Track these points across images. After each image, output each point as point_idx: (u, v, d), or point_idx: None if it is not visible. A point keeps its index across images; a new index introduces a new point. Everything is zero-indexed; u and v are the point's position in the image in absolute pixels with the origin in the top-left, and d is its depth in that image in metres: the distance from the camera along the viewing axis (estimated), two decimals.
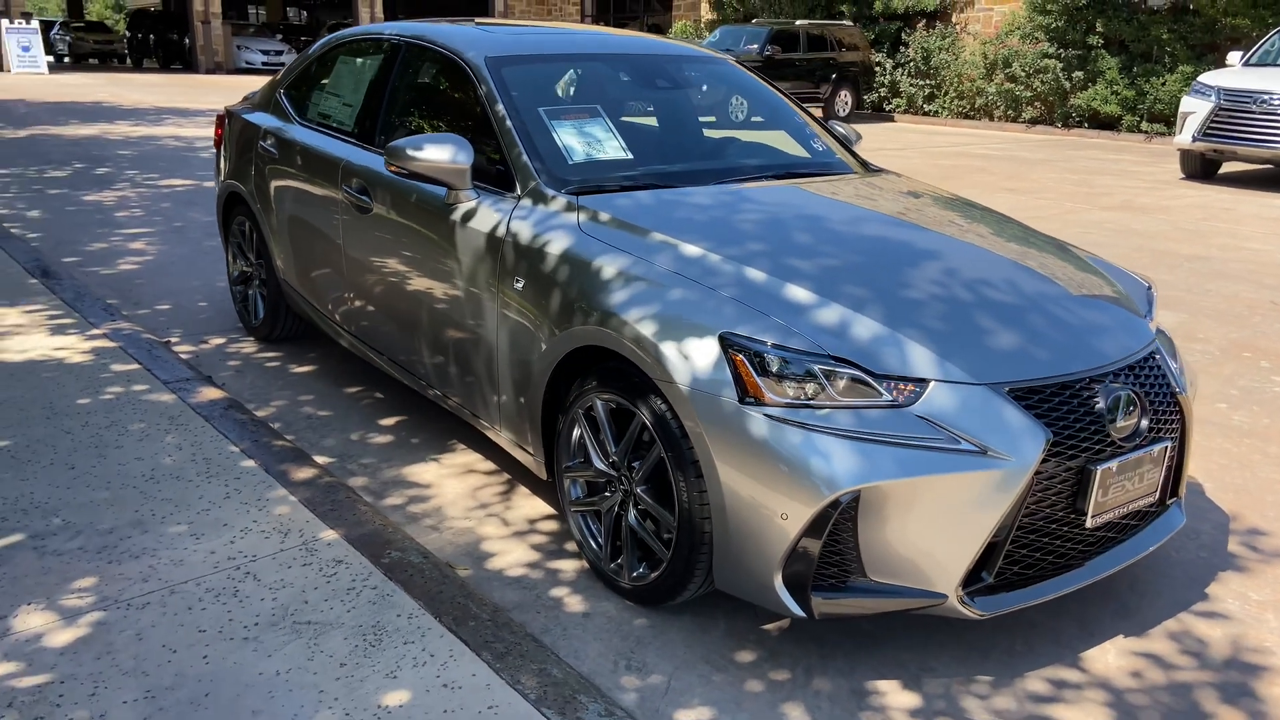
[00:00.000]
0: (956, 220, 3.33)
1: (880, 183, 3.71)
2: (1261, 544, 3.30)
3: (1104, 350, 2.66)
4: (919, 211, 3.36)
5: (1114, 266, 3.31)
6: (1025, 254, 3.06)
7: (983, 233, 3.23)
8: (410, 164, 3.20)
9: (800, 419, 2.38)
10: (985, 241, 3.14)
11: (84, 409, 3.73)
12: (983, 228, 3.30)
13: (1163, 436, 2.69)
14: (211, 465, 3.32)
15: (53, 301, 5.05)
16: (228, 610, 2.54)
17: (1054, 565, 2.60)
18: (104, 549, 2.80)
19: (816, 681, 2.52)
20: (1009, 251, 3.06)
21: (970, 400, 2.43)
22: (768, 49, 19.47)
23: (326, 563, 2.77)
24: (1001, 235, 3.24)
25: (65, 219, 7.73)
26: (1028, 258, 3.03)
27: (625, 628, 2.71)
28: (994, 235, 3.22)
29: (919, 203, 3.49)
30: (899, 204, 3.42)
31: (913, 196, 3.57)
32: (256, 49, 30.69)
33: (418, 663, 2.36)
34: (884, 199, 3.46)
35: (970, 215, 3.44)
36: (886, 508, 2.36)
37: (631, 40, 4.09)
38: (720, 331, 2.50)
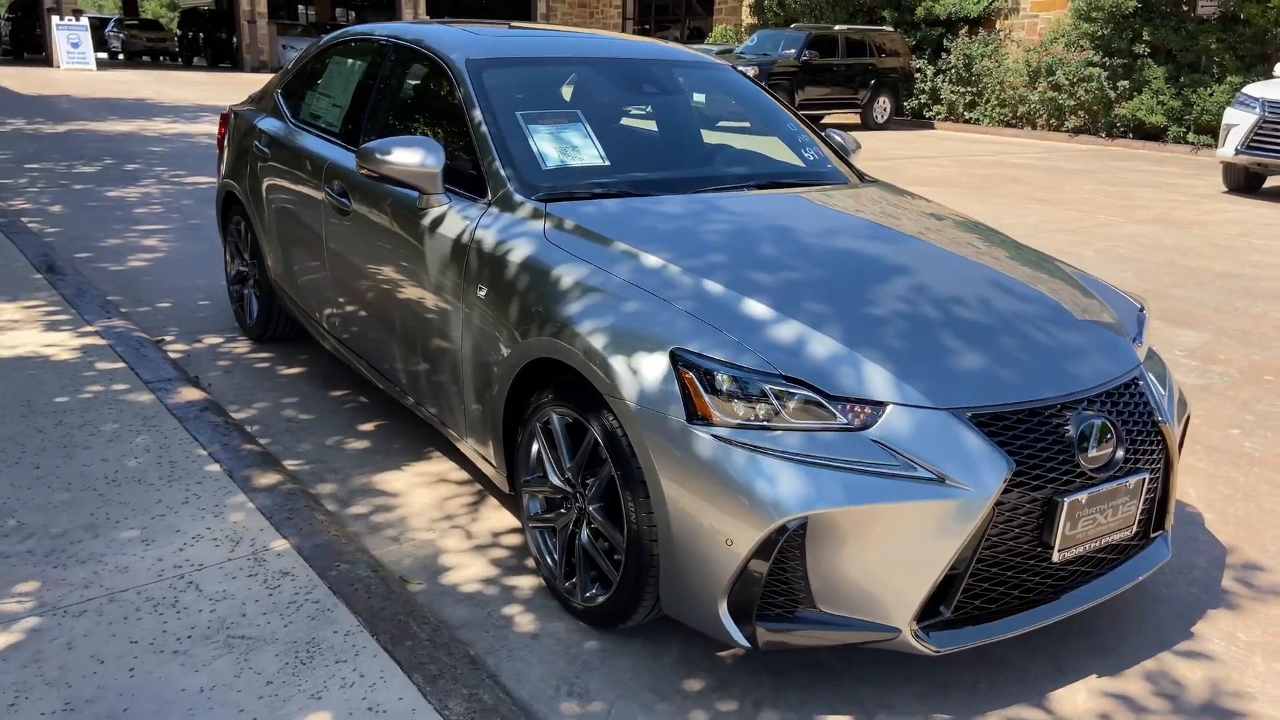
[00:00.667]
0: (938, 236, 3.21)
1: (868, 194, 3.59)
2: (1258, 580, 3.14)
3: (1079, 375, 2.53)
4: (900, 225, 3.24)
5: (1105, 286, 3.17)
6: (1006, 272, 2.93)
7: (964, 249, 3.11)
8: (380, 167, 3.14)
9: (749, 440, 2.28)
10: (965, 258, 3.01)
11: (60, 407, 3.72)
12: (966, 244, 3.17)
13: (1141, 468, 2.55)
14: (176, 469, 3.28)
15: (52, 297, 5.07)
16: (164, 621, 2.49)
17: (1019, 600, 2.48)
18: (52, 553, 2.77)
19: (765, 714, 2.41)
20: (989, 270, 2.93)
21: (929, 425, 2.31)
22: (805, 54, 19.28)
23: (272, 574, 2.71)
24: (985, 252, 3.11)
25: (85, 214, 7.79)
26: (1008, 276, 2.90)
27: (573, 650, 2.62)
28: (977, 252, 3.09)
29: (903, 216, 3.37)
30: (881, 217, 3.30)
31: (898, 210, 3.44)
32: (300, 48, 31.00)
33: (346, 684, 2.29)
34: (867, 211, 3.34)
35: (955, 230, 3.31)
36: (836, 536, 2.25)
37: (623, 44, 4.01)
38: (671, 347, 2.41)
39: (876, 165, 13.83)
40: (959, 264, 2.95)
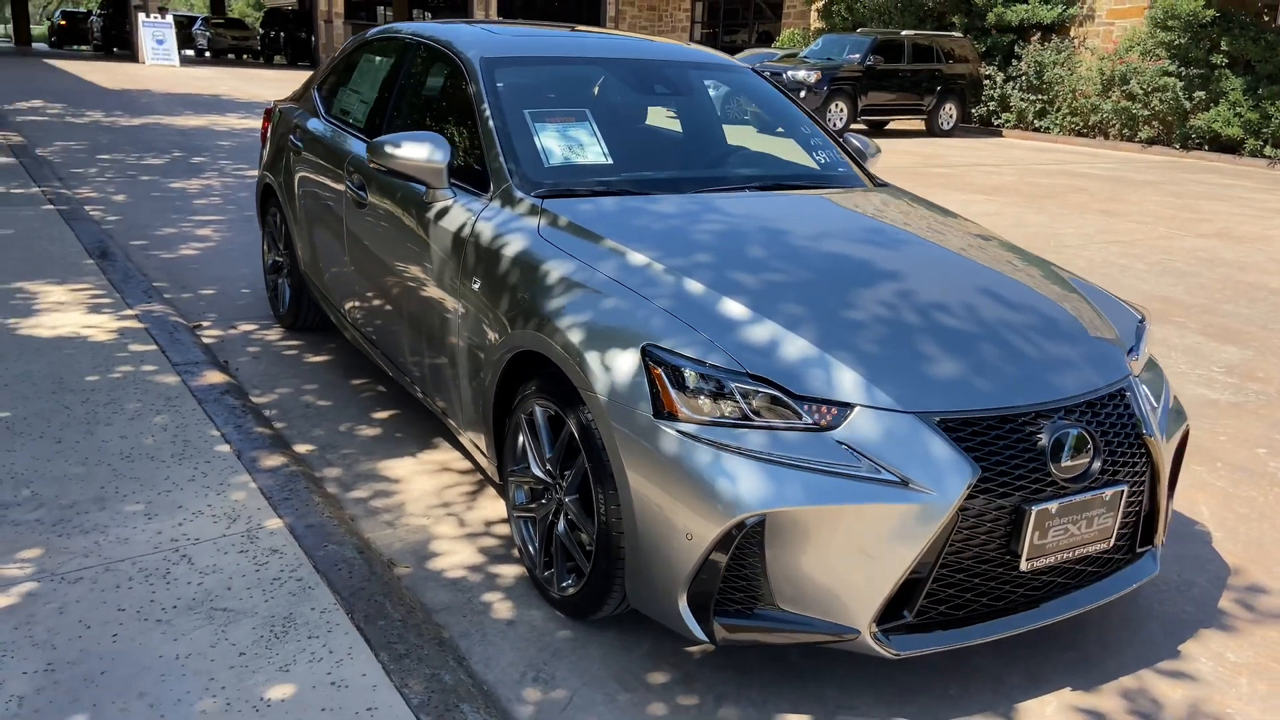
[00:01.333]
0: (937, 241, 3.19)
1: (874, 198, 3.58)
2: (1259, 603, 3.06)
3: (1059, 385, 2.51)
4: (899, 230, 3.23)
5: (1107, 296, 3.12)
6: (999, 280, 2.91)
7: (962, 256, 3.09)
8: (389, 161, 3.23)
9: (713, 438, 2.30)
10: (959, 265, 2.99)
11: (89, 386, 3.88)
12: (964, 250, 3.15)
13: (1120, 480, 2.51)
14: (188, 448, 3.41)
15: (100, 282, 5.27)
16: (153, 591, 2.59)
17: (988, 608, 2.46)
18: (59, 522, 2.89)
19: (725, 710, 2.43)
20: (982, 277, 2.91)
21: (896, 429, 2.31)
22: (870, 59, 19.12)
23: (262, 551, 2.81)
24: (982, 260, 3.08)
25: (146, 204, 8.07)
26: (1001, 284, 2.88)
27: (546, 639, 2.67)
28: (974, 259, 3.07)
29: (904, 221, 3.35)
30: (880, 221, 3.29)
31: (900, 214, 3.43)
32: None
33: (314, 658, 2.36)
34: (867, 215, 3.33)
35: (956, 237, 3.29)
36: (796, 535, 2.26)
37: (640, 45, 4.05)
38: (644, 344, 2.44)
39: (936, 172, 13.68)
40: (951, 270, 2.93)
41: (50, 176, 8.37)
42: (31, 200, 7.24)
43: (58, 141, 11.25)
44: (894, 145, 17.79)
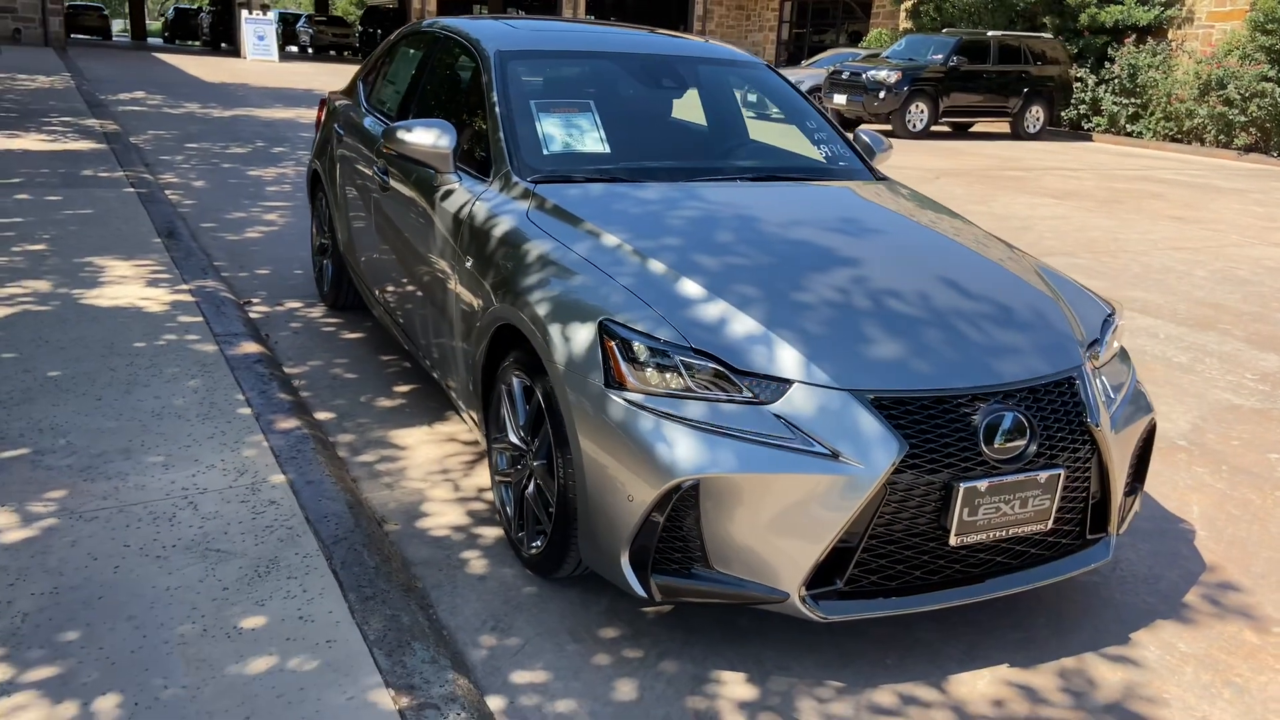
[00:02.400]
0: (909, 232, 3.29)
1: (864, 190, 3.68)
2: (1226, 599, 3.08)
3: (1000, 370, 2.60)
4: (874, 220, 3.33)
5: (1078, 290, 3.18)
6: (962, 270, 2.99)
7: (930, 246, 3.18)
8: (400, 146, 3.45)
9: (656, 407, 2.46)
10: (924, 254, 3.09)
11: (136, 351, 4.20)
12: (935, 241, 3.24)
13: (1058, 464, 2.59)
14: (213, 409, 3.69)
15: (163, 259, 5.64)
16: (157, 531, 2.85)
17: (921, 581, 2.56)
18: (87, 469, 3.19)
19: (665, 664, 2.59)
20: (945, 266, 3.00)
21: (830, 404, 2.44)
22: (953, 59, 18.88)
23: (262, 502, 3.05)
24: (951, 250, 3.17)
25: (223, 189, 8.52)
26: (962, 274, 2.96)
27: (512, 593, 2.85)
28: (941, 250, 3.16)
29: (883, 212, 3.46)
30: (859, 211, 3.40)
31: (883, 206, 3.52)
32: None
33: (288, 595, 2.59)
34: (846, 206, 3.44)
35: (934, 229, 3.37)
36: (730, 500, 2.40)
37: (658, 41, 4.21)
38: (601, 318, 2.61)
39: (1008, 175, 13.51)
40: (916, 259, 3.03)
41: (137, 162, 8.88)
42: (115, 184, 7.73)
43: (151, 130, 11.88)
44: (974, 148, 17.56)
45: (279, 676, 2.28)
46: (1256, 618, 2.99)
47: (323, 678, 2.28)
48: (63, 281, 5.08)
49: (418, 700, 2.22)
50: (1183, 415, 4.64)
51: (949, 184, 12.26)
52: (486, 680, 2.48)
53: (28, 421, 3.48)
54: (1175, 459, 4.12)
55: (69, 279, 5.13)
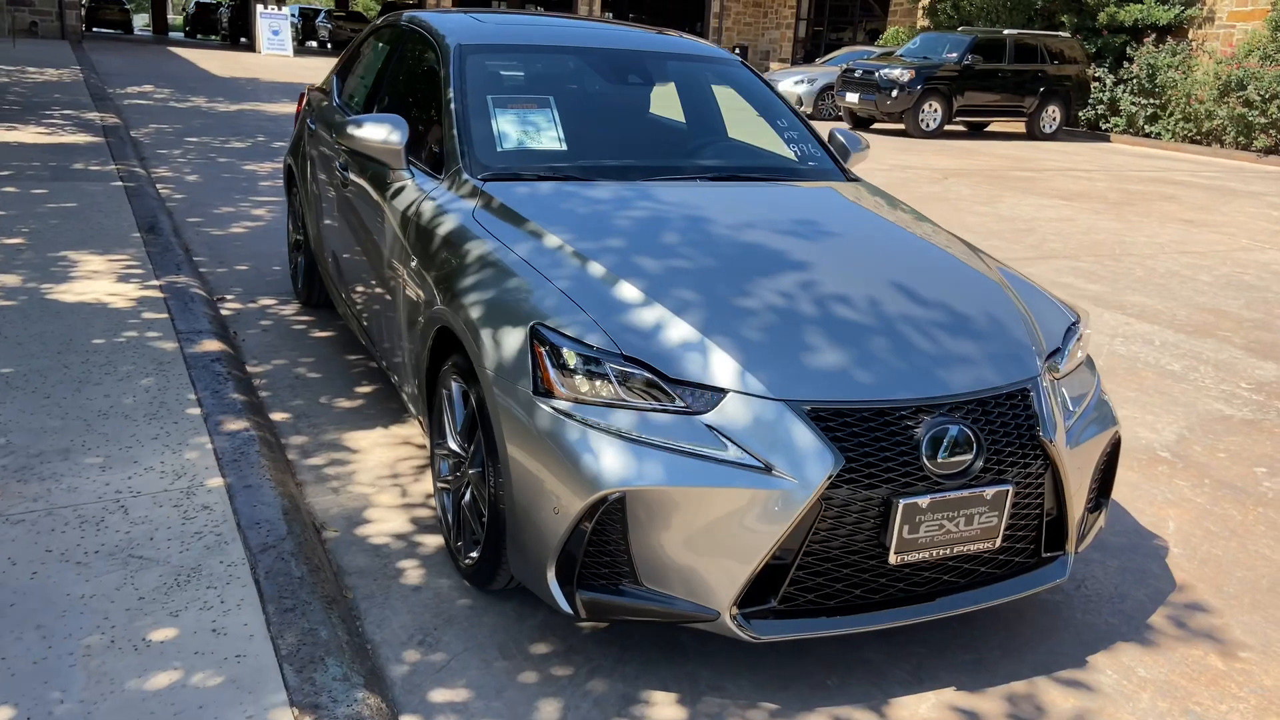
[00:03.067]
0: (868, 235, 3.18)
1: (829, 192, 3.57)
2: (1192, 620, 2.96)
3: (948, 381, 2.48)
4: (832, 222, 3.22)
5: (1043, 297, 3.05)
6: (917, 276, 2.87)
7: (887, 250, 3.07)
8: (351, 141, 3.36)
9: (585, 416, 2.36)
10: (880, 259, 2.98)
11: (92, 348, 4.13)
12: (895, 246, 3.13)
13: (1006, 480, 2.47)
14: (162, 409, 3.61)
15: (138, 254, 5.58)
16: (82, 536, 2.77)
17: (862, 600, 2.45)
18: (22, 469, 3.11)
19: (595, 682, 2.49)
20: (900, 272, 2.88)
21: (764, 415, 2.33)
22: (968, 58, 18.66)
23: (195, 506, 2.97)
24: (909, 255, 3.05)
25: (215, 184, 8.47)
26: (917, 280, 2.84)
27: (445, 606, 2.76)
28: (899, 254, 3.05)
29: (843, 214, 3.35)
30: (819, 214, 3.28)
31: (847, 209, 3.41)
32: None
33: (205, 606, 2.50)
34: (806, 207, 3.33)
35: (896, 234, 3.26)
36: (658, 513, 2.30)
37: (627, 35, 4.10)
38: (532, 322, 2.51)
39: (1017, 176, 13.32)
40: (870, 264, 2.92)
41: (131, 156, 8.84)
42: (104, 177, 7.68)
43: (153, 124, 11.86)
44: (987, 147, 17.36)
45: (180, 693, 2.19)
46: (1223, 641, 2.86)
47: (225, 695, 2.19)
48: (32, 276, 5.02)
49: None
50: (1169, 425, 4.50)
51: (956, 184, 12.10)
52: (404, 699, 2.38)
53: None
54: (1156, 471, 3.98)
55: (39, 274, 5.07)
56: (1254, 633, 2.91)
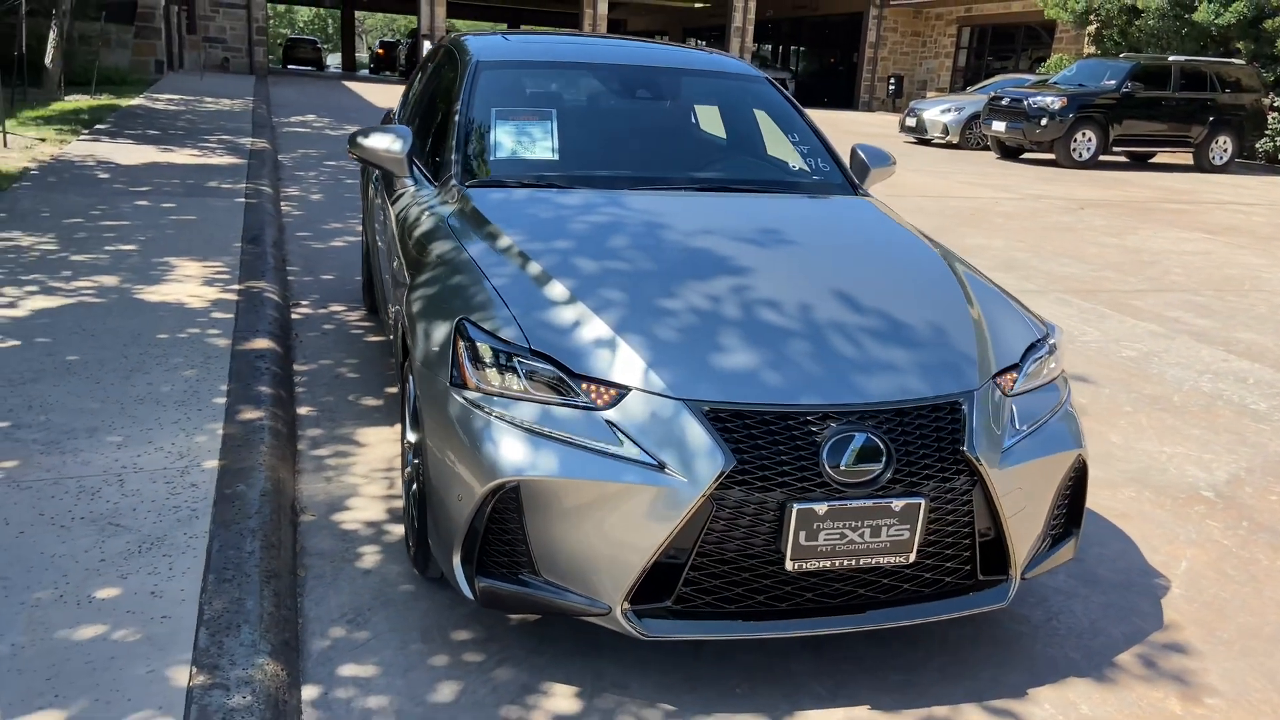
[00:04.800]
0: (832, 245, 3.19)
1: (817, 203, 3.56)
2: (1166, 663, 2.76)
3: (863, 388, 2.42)
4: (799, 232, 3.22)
5: (1013, 311, 2.93)
6: (863, 285, 2.82)
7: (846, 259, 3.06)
8: (359, 151, 3.56)
9: (491, 407, 2.43)
10: (831, 268, 2.97)
11: (156, 343, 4.48)
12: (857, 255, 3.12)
13: (920, 493, 2.39)
14: (193, 398, 3.88)
15: (232, 262, 6.00)
16: (75, 503, 3.03)
17: (766, 607, 2.41)
18: (49, 444, 3.42)
19: (500, 670, 2.54)
20: (848, 281, 2.83)
21: (662, 413, 2.34)
22: (1127, 85, 17.79)
23: (184, 484, 3.19)
24: (869, 264, 3.03)
25: (335, 203, 8.99)
26: (863, 289, 2.79)
27: (387, 589, 2.87)
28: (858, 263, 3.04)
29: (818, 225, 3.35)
30: (789, 224, 3.27)
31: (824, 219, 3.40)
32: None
33: (153, 571, 2.69)
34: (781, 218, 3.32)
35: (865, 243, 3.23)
36: (553, 505, 2.34)
37: (649, 51, 4.17)
38: (458, 317, 2.60)
39: (1166, 209, 12.61)
40: (823, 271, 2.89)
41: (265, 176, 9.49)
42: (231, 194, 8.28)
43: (300, 149, 12.68)
44: (1143, 179, 16.48)
45: (99, 645, 2.37)
46: (1191, 685, 2.66)
47: (137, 650, 2.36)
48: (131, 278, 5.48)
49: (212, 680, 2.26)
50: (1226, 465, 4.19)
51: (1092, 215, 11.55)
52: (314, 670, 2.50)
53: (24, 398, 3.77)
54: (1189, 510, 3.72)
55: (137, 276, 5.53)
56: (1231, 680, 2.69)
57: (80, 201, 7.46)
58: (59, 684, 2.22)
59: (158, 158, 9.99)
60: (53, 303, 4.95)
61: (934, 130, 20.70)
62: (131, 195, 7.85)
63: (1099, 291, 7.43)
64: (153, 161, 9.68)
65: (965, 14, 32.02)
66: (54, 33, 15.51)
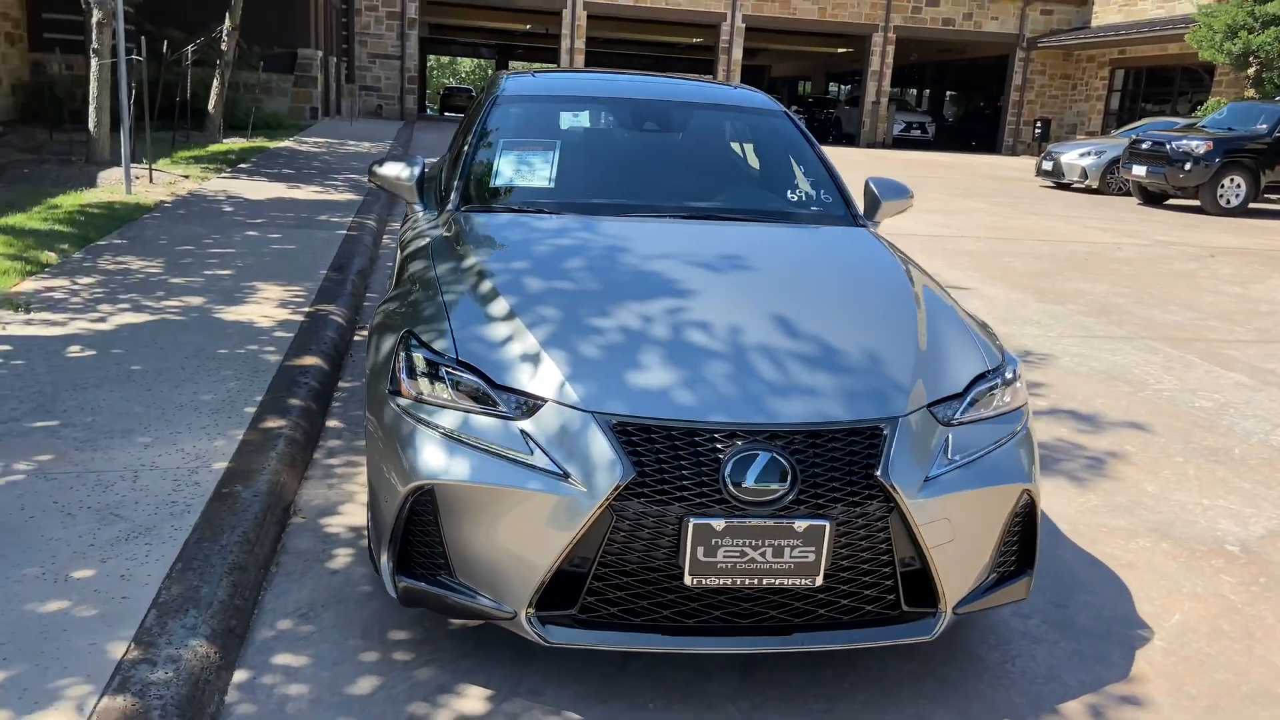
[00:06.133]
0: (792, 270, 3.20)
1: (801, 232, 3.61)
2: (1117, 714, 2.63)
3: (775, 409, 2.44)
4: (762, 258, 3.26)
5: (973, 339, 2.87)
6: (815, 309, 2.86)
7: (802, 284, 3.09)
8: (377, 179, 3.79)
9: (418, 413, 2.55)
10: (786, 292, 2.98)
11: (214, 356, 4.82)
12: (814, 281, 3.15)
13: (825, 515, 2.37)
14: (228, 406, 4.16)
15: (311, 288, 6.38)
16: (87, 494, 3.30)
17: (671, 623, 2.43)
18: (85, 442, 3.73)
19: (424, 670, 2.63)
20: (799, 305, 2.87)
21: (571, 425, 2.42)
22: None
23: (189, 483, 3.43)
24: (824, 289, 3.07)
25: None
26: (815, 312, 2.83)
27: (347, 588, 3.01)
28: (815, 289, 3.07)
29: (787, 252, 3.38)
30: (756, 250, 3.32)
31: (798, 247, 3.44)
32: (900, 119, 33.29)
33: (130, 557, 2.91)
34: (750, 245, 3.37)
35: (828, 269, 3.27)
36: (466, 510, 2.44)
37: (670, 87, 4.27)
38: (404, 329, 2.75)
39: None
40: (768, 296, 2.92)
41: (375, 211, 10.02)
42: (336, 227, 8.78)
43: None
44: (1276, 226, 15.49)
45: (56, 619, 2.58)
46: None
47: (87, 625, 2.56)
48: (215, 299, 5.90)
49: (144, 655, 2.44)
50: (1266, 521, 3.92)
51: (1218, 262, 10.95)
52: (251, 656, 2.65)
53: (79, 401, 4.12)
54: (1203, 564, 3.51)
55: (222, 298, 5.95)
56: None
57: (196, 231, 8.07)
58: (8, 649, 2.44)
59: (283, 193, 10.67)
60: (139, 319, 5.38)
61: (1071, 174, 20.00)
62: (245, 226, 8.43)
63: (1195, 340, 7.05)
64: (278, 197, 10.35)
65: (1119, 56, 30.92)
66: (217, 81, 16.78)
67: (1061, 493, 4.07)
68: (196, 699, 2.37)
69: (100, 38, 10.95)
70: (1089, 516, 3.85)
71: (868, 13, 32.88)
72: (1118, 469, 4.37)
